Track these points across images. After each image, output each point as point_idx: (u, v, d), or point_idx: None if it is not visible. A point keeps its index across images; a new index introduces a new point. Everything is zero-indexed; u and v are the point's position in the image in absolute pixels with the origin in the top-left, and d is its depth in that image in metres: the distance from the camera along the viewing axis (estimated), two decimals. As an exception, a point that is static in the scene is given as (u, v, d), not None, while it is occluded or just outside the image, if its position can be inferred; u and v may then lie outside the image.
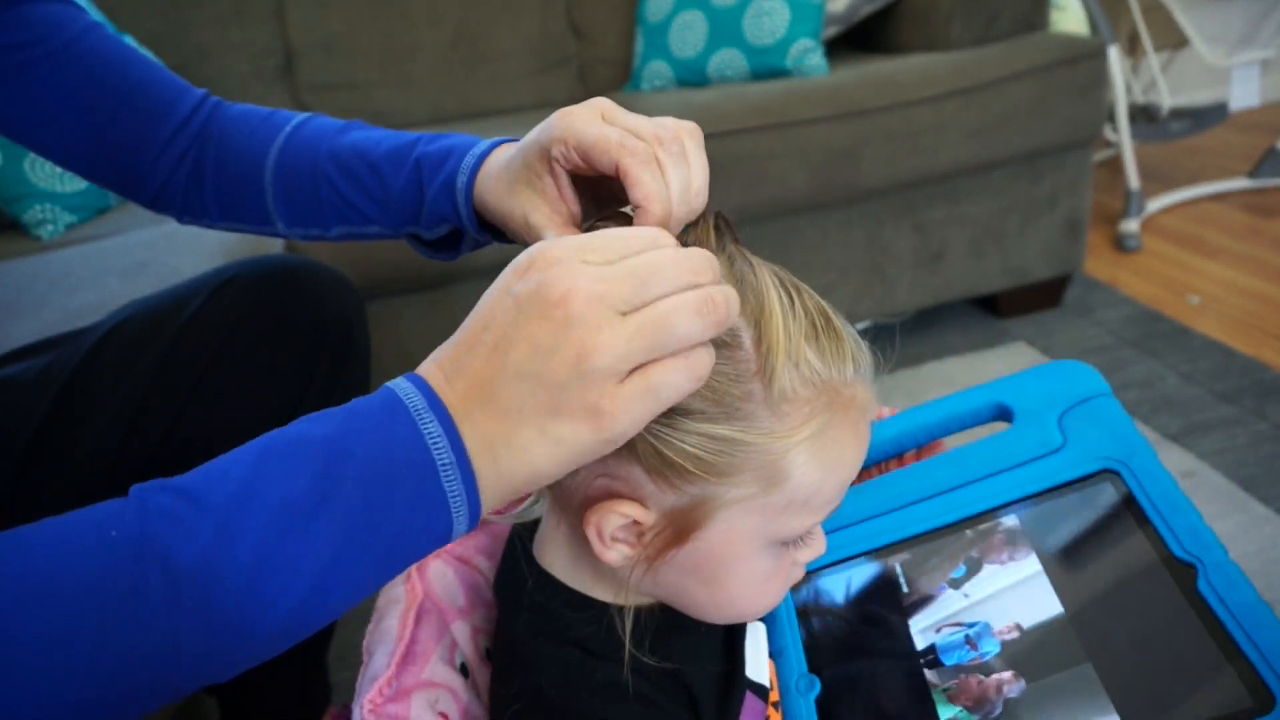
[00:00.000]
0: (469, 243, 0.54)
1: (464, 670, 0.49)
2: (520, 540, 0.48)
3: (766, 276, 0.38)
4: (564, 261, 0.32)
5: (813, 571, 0.55)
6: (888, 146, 1.33)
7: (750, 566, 0.41)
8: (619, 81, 1.80)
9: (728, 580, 0.41)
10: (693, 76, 1.59)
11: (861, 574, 0.53)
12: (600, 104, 0.42)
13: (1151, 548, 0.43)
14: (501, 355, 0.31)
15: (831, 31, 1.59)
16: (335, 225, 0.56)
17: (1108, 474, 0.47)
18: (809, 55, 1.48)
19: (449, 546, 0.53)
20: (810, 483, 0.38)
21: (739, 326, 0.37)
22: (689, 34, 1.57)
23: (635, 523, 0.39)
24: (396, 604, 0.48)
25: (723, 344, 0.36)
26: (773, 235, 1.39)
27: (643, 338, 0.31)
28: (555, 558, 0.45)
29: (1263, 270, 1.69)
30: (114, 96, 0.57)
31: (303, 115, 0.59)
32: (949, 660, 0.46)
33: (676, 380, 0.32)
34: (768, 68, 1.50)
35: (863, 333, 0.42)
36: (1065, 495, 0.48)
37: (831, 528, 0.56)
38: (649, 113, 0.43)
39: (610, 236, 0.34)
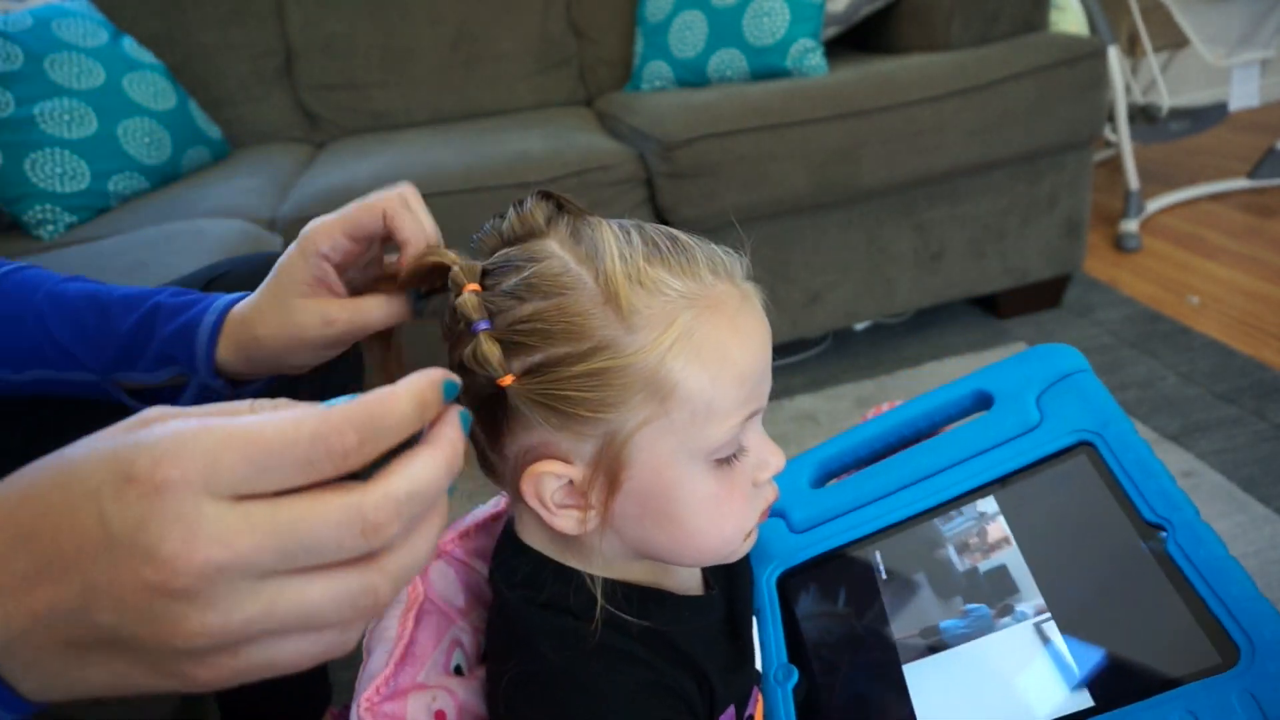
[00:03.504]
0: (192, 391, 0.52)
1: (461, 671, 0.49)
2: (507, 524, 0.49)
3: (602, 225, 0.41)
4: (183, 494, 0.23)
5: (796, 565, 0.55)
6: (888, 146, 1.33)
7: (692, 490, 0.41)
8: (619, 81, 1.80)
9: (679, 513, 0.42)
10: (693, 76, 1.59)
11: (843, 565, 0.54)
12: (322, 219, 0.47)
13: (1124, 514, 0.43)
14: (75, 600, 0.24)
15: (831, 31, 1.58)
16: (31, 368, 0.53)
17: (1083, 446, 0.47)
18: (809, 55, 1.48)
19: (450, 548, 0.53)
20: (701, 386, 0.39)
21: (579, 272, 0.39)
22: (689, 34, 1.57)
23: (570, 483, 0.41)
24: (396, 604, 0.48)
25: (568, 289, 0.39)
26: (773, 235, 1.39)
27: (271, 620, 0.25)
28: (533, 537, 0.47)
29: (1263, 270, 1.69)
30: None
31: (16, 263, 0.57)
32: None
33: (291, 661, 0.26)
34: (768, 68, 1.50)
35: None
36: (1042, 471, 0.49)
37: (815, 521, 0.56)
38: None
39: (257, 441, 0.25)
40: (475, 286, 0.41)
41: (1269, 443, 1.19)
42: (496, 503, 0.57)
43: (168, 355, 0.50)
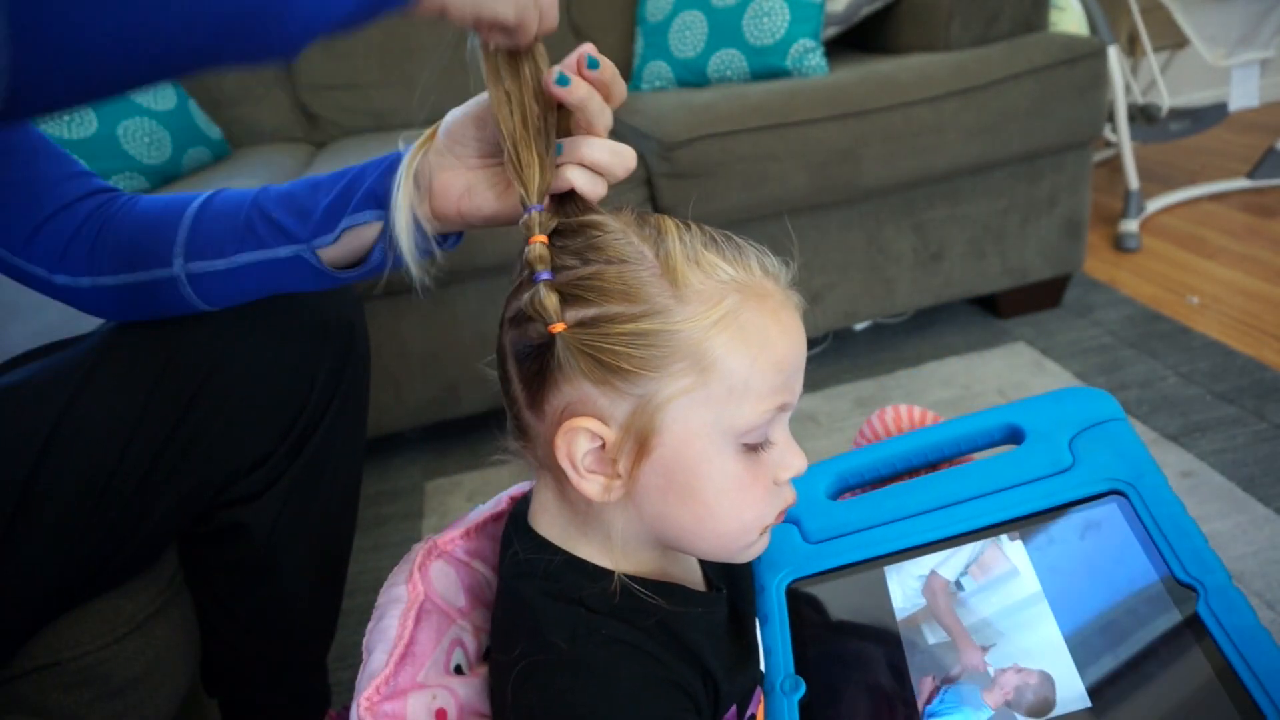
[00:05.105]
0: (384, 240, 0.54)
1: (461, 670, 0.49)
2: (517, 516, 0.50)
3: (665, 217, 0.45)
4: None
5: (807, 575, 0.55)
6: (888, 146, 1.33)
7: (719, 468, 0.43)
8: (619, 81, 1.79)
9: (702, 489, 0.43)
10: (693, 76, 1.59)
11: (857, 581, 0.53)
12: None
13: (1154, 570, 0.43)
14: None
15: (831, 31, 1.58)
16: (239, 250, 0.56)
17: (1115, 495, 0.47)
18: (809, 55, 1.48)
19: (450, 548, 0.53)
20: (740, 366, 0.41)
21: (641, 247, 0.43)
22: (689, 34, 1.57)
23: (602, 448, 0.42)
24: (397, 603, 0.48)
25: (629, 260, 0.42)
26: (772, 235, 1.38)
27: None
28: (550, 526, 0.48)
29: (1262, 270, 1.69)
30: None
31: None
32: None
33: None
34: (768, 68, 1.50)
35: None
36: (1071, 514, 0.48)
37: (830, 534, 0.56)
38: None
39: None
40: (544, 239, 0.44)
41: (1269, 443, 1.19)
42: (498, 502, 0.58)
43: (374, 194, 0.55)
